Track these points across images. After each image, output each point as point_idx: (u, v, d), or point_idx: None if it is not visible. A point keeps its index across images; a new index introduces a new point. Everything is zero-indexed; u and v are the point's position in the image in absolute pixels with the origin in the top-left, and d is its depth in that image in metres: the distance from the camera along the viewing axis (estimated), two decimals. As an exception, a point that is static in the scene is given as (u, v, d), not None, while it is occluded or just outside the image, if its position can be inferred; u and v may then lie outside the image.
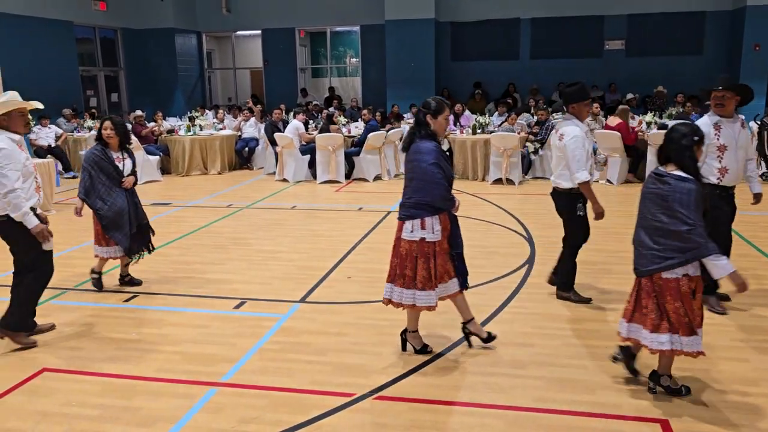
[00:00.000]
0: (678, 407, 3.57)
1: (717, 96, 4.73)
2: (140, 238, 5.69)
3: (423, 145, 3.99)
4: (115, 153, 5.56)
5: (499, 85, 17.21)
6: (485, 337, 4.37)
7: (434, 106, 4.03)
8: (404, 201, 4.12)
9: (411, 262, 4.03)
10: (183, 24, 18.63)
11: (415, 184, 4.02)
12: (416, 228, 4.01)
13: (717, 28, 16.20)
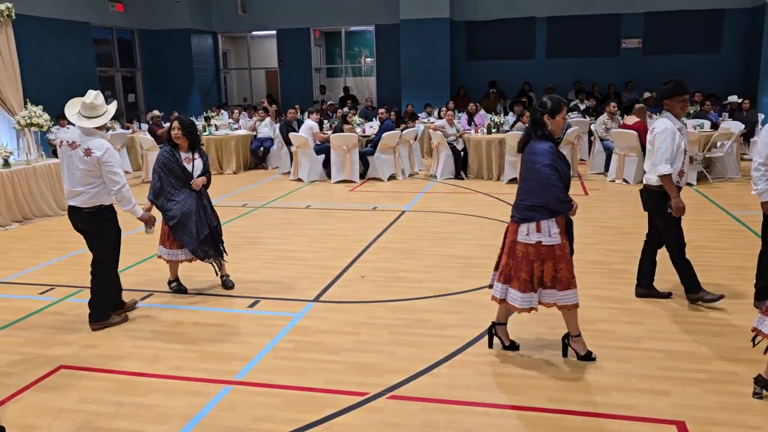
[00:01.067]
0: (693, 409, 3.53)
1: None
2: (212, 241, 5.53)
3: (538, 146, 3.89)
4: (184, 153, 5.45)
5: (514, 84, 17.13)
6: (583, 354, 4.18)
7: (552, 106, 3.93)
8: (518, 203, 4.02)
9: (527, 265, 3.94)
10: (199, 25, 18.77)
11: (528, 185, 3.93)
12: (532, 231, 3.92)
13: (735, 26, 15.99)
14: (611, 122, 11.35)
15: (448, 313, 5.05)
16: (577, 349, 4.17)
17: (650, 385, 3.81)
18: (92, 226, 4.80)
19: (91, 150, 4.60)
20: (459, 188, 10.52)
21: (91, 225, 4.79)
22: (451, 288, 5.60)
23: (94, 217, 4.75)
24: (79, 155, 4.62)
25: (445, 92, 16.64)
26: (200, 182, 5.47)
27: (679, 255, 5.05)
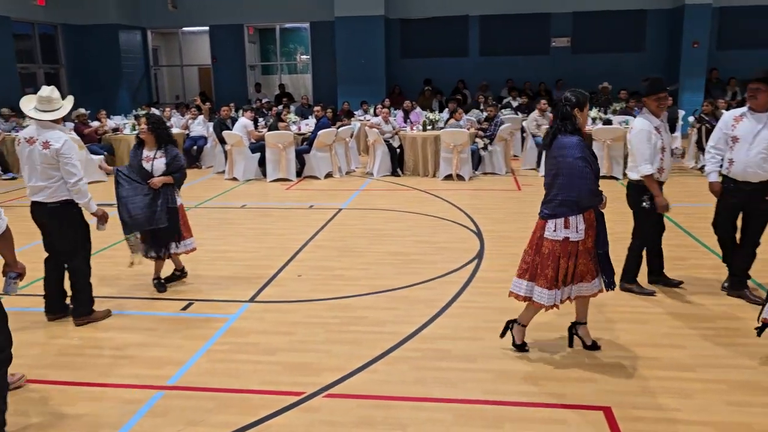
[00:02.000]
0: (619, 394, 3.68)
1: (751, 88, 4.76)
2: (152, 241, 5.45)
3: (567, 140, 3.87)
4: (147, 152, 5.39)
5: (449, 81, 17.36)
6: (589, 344, 4.24)
7: (580, 99, 3.92)
8: (549, 198, 3.95)
9: (554, 261, 3.91)
10: (127, 20, 18.15)
11: (561, 180, 3.86)
12: (559, 227, 3.88)
13: (657, 26, 16.73)
14: (542, 119, 11.66)
15: (384, 309, 5.08)
16: (585, 338, 4.23)
17: (579, 374, 3.95)
18: (56, 221, 4.74)
19: (49, 143, 4.55)
20: (395, 185, 10.59)
21: (54, 220, 4.73)
22: (388, 284, 5.63)
23: (59, 213, 4.69)
24: (38, 150, 4.57)
25: (381, 89, 16.71)
26: (157, 182, 5.34)
27: (637, 247, 5.30)
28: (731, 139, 4.88)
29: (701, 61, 15.75)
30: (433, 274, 5.88)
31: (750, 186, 4.84)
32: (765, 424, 3.34)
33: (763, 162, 4.74)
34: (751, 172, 4.79)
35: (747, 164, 4.78)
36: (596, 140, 10.57)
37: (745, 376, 3.85)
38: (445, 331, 4.63)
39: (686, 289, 5.35)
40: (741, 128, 4.83)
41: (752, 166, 4.77)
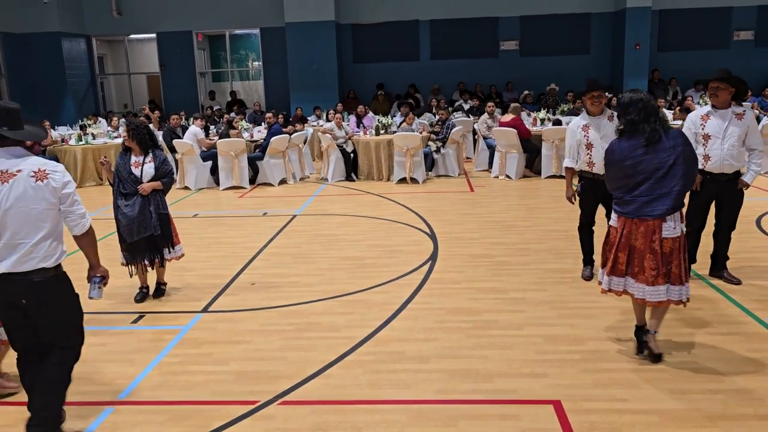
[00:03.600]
0: (568, 388, 3.76)
1: (712, 87, 5.06)
2: (145, 248, 5.36)
3: (673, 132, 3.88)
4: (135, 157, 5.27)
5: (401, 85, 17.49)
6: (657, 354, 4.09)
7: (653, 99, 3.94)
8: (666, 191, 3.81)
9: (676, 257, 3.87)
10: (70, 27, 17.65)
11: (680, 169, 3.79)
12: (677, 222, 3.86)
13: (601, 29, 17.20)
14: (492, 121, 11.86)
15: (339, 314, 5.08)
16: (654, 347, 4.07)
17: (530, 369, 4.03)
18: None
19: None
20: (350, 190, 10.60)
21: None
22: (343, 289, 5.63)
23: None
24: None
25: (334, 95, 16.70)
26: (147, 187, 5.25)
27: (579, 231, 5.83)
28: (702, 137, 5.20)
29: (643, 63, 16.26)
30: (387, 277, 5.90)
31: (725, 177, 5.21)
32: (705, 410, 3.48)
33: (737, 154, 5.13)
34: (727, 164, 5.16)
35: (722, 158, 5.13)
36: (545, 140, 10.80)
37: (686, 365, 3.99)
38: (399, 334, 4.66)
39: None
40: (710, 126, 5.17)
41: (727, 159, 5.13)
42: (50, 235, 3.18)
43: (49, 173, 3.17)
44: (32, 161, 3.19)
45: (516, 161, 10.90)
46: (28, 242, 3.11)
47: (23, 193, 3.10)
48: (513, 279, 5.75)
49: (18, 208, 3.10)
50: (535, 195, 9.67)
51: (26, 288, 3.15)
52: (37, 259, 3.14)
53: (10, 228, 3.10)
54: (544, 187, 10.25)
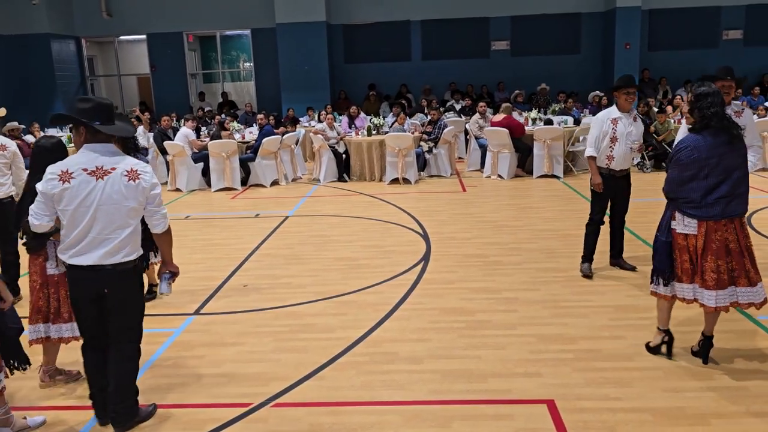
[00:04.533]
0: (562, 387, 3.77)
1: (725, 86, 4.94)
2: None
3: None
4: None
5: (393, 86, 17.48)
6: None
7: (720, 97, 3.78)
8: (743, 190, 3.74)
9: (748, 256, 3.78)
10: (59, 29, 17.54)
11: (743, 171, 3.73)
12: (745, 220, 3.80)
13: (591, 29, 17.26)
14: (483, 121, 11.87)
15: (332, 315, 5.07)
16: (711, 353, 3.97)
17: (524, 369, 4.03)
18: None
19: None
20: (342, 191, 10.58)
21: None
22: (336, 290, 5.62)
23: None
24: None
25: (326, 95, 16.68)
26: None
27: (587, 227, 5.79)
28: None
29: (633, 62, 16.32)
30: (380, 278, 5.90)
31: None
32: (696, 407, 3.49)
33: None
34: None
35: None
36: (537, 140, 10.82)
37: (679, 363, 4.01)
38: (393, 334, 4.65)
39: (624, 281, 5.54)
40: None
41: None
42: (136, 231, 3.36)
43: (141, 174, 3.31)
44: (126, 161, 3.33)
45: (508, 161, 10.92)
46: (116, 238, 3.27)
47: (116, 191, 3.24)
48: (506, 279, 5.76)
49: (110, 204, 3.24)
50: (527, 195, 9.69)
51: (110, 278, 3.31)
52: (123, 254, 3.31)
53: (100, 223, 3.24)
54: (536, 186, 10.27)
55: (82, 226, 3.22)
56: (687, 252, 3.80)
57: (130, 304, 3.45)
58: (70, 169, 3.22)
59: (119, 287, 3.36)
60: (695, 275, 3.79)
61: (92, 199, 3.21)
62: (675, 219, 3.84)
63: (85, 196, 3.20)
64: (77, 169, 3.22)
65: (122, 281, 3.35)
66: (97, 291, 3.33)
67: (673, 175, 3.80)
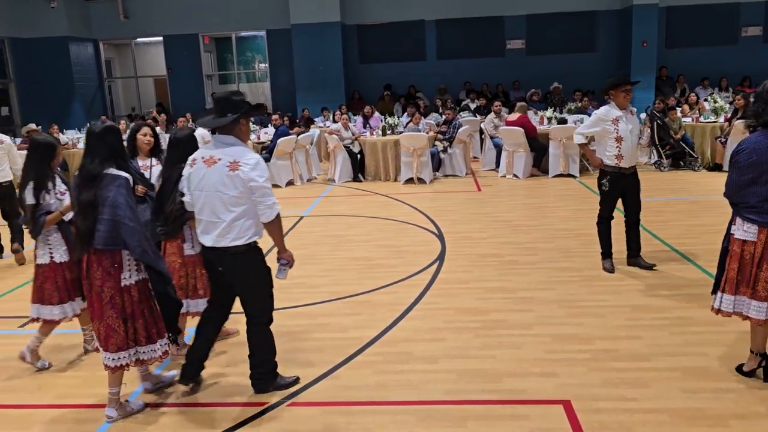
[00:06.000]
0: (578, 388, 3.74)
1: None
2: None
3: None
4: (142, 161, 4.95)
5: (407, 86, 17.47)
6: None
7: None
8: None
9: None
10: (77, 32, 17.75)
11: None
12: None
13: (608, 27, 17.12)
14: (498, 120, 11.82)
15: (347, 315, 5.08)
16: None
17: (540, 369, 4.01)
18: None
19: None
20: (357, 191, 10.59)
21: None
22: (351, 290, 5.63)
23: None
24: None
25: (340, 96, 16.71)
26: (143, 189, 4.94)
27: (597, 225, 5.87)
28: None
29: (651, 60, 16.17)
30: (395, 277, 5.90)
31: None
32: (716, 409, 3.44)
33: None
34: None
35: None
36: (552, 139, 10.75)
37: (697, 363, 3.96)
38: (407, 334, 4.65)
39: (641, 280, 5.49)
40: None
41: None
42: (241, 217, 3.50)
43: (241, 165, 3.44)
44: (232, 151, 3.50)
45: (523, 160, 10.86)
46: (222, 222, 3.50)
47: (218, 180, 3.47)
48: (521, 278, 5.73)
49: (214, 191, 3.49)
50: (542, 194, 9.63)
51: (222, 259, 3.60)
52: (230, 238, 3.52)
53: (208, 207, 3.52)
54: (552, 186, 10.21)
55: (199, 209, 3.58)
56: (738, 260, 3.59)
57: (244, 283, 3.70)
58: (195, 156, 3.59)
59: (231, 268, 3.62)
60: (741, 285, 3.59)
61: (202, 185, 3.51)
62: (735, 223, 3.62)
63: (198, 183, 3.54)
64: (199, 156, 3.57)
65: (234, 263, 3.59)
66: (214, 268, 3.69)
67: (732, 179, 3.57)
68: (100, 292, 3.45)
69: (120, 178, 3.45)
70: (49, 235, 4.23)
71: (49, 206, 4.18)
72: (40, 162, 4.18)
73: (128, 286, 3.50)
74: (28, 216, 4.16)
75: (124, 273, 3.49)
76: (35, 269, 4.28)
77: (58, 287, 4.21)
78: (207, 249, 3.62)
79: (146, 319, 3.57)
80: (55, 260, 4.22)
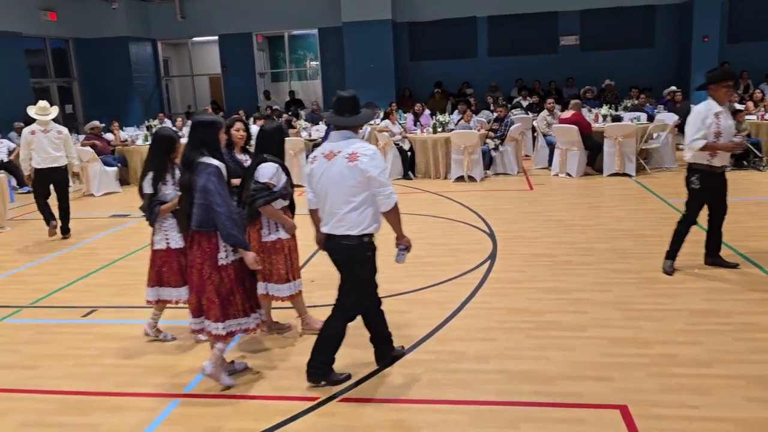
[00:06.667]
0: (636, 392, 3.64)
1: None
2: None
3: None
4: (238, 155, 5.01)
5: (458, 83, 17.35)
6: None
7: None
8: None
9: None
10: (137, 32, 18.32)
11: None
12: None
13: (666, 22, 16.59)
14: (551, 118, 11.61)
15: (398, 313, 5.07)
16: None
17: (595, 372, 3.92)
18: None
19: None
20: (407, 188, 10.58)
21: None
22: (401, 288, 5.63)
23: None
24: None
25: (390, 93, 16.71)
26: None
27: (679, 223, 5.61)
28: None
29: (712, 56, 15.56)
30: (446, 276, 5.86)
31: None
32: (785, 420, 3.30)
33: None
34: None
35: None
36: (607, 137, 10.49)
37: (763, 371, 3.79)
38: (459, 333, 4.61)
39: (700, 283, 5.30)
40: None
41: None
42: (358, 208, 3.66)
43: (359, 156, 3.61)
44: (352, 144, 3.68)
45: (577, 159, 10.63)
46: (340, 212, 3.68)
47: (338, 171, 3.64)
48: (575, 279, 5.61)
49: (334, 182, 3.66)
50: (596, 193, 9.42)
51: (337, 247, 3.79)
52: (345, 227, 3.69)
53: (329, 198, 3.70)
54: (607, 185, 9.96)
55: (322, 201, 3.77)
56: None
57: (349, 273, 3.88)
58: (316, 153, 3.81)
59: (342, 256, 3.82)
60: None
61: (324, 179, 3.69)
62: None
63: (319, 177, 3.72)
64: (319, 153, 3.78)
65: (345, 252, 3.77)
66: (331, 255, 3.89)
67: None
68: (200, 268, 3.78)
69: (211, 167, 3.74)
70: (164, 223, 4.55)
71: (165, 196, 4.48)
72: (161, 154, 4.50)
73: (225, 266, 3.79)
74: (145, 204, 4.50)
75: (221, 253, 3.78)
76: (152, 254, 4.64)
77: (175, 271, 4.58)
78: (327, 236, 3.82)
79: (242, 295, 3.86)
80: (171, 246, 4.57)
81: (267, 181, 4.30)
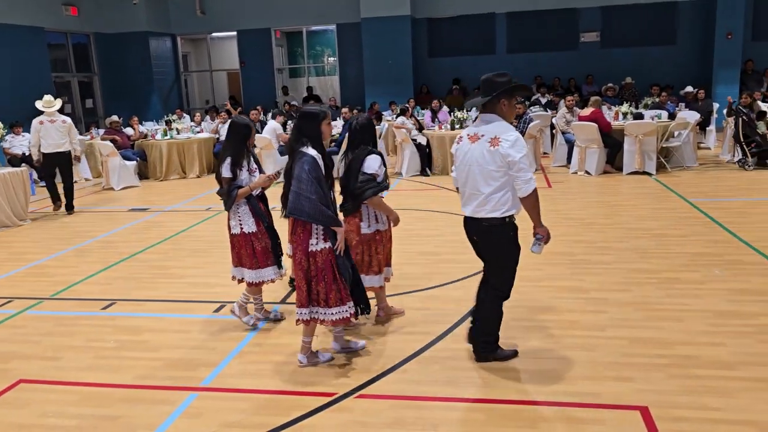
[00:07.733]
0: (657, 393, 3.59)
1: None
2: None
3: None
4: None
5: (476, 80, 17.17)
6: None
7: None
8: None
9: None
10: (157, 27, 18.46)
11: None
12: None
13: (689, 18, 16.37)
14: (571, 115, 11.51)
15: (415, 309, 5.05)
16: None
17: (615, 372, 3.87)
18: None
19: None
20: (425, 185, 10.55)
21: None
22: (419, 284, 5.61)
23: None
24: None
25: (408, 89, 16.69)
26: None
27: None
28: None
29: (736, 53, 15.36)
30: (463, 273, 5.83)
31: None
32: (811, 424, 3.23)
33: None
34: None
35: None
36: (628, 135, 10.38)
37: (788, 375, 3.73)
38: (477, 331, 4.57)
39: (723, 284, 5.22)
40: None
41: None
42: (499, 190, 3.72)
43: (501, 141, 3.66)
44: (493, 128, 3.72)
45: (596, 157, 10.53)
46: (481, 195, 3.75)
47: (480, 154, 3.71)
48: (594, 278, 5.55)
49: (477, 165, 3.73)
50: (616, 192, 9.32)
51: (477, 229, 3.88)
52: (487, 210, 3.77)
53: (471, 180, 3.79)
54: (626, 183, 9.86)
55: (462, 182, 3.86)
56: None
57: (493, 254, 3.95)
58: (462, 134, 3.89)
59: (483, 238, 3.89)
60: None
61: (467, 160, 3.77)
62: None
63: (462, 157, 3.81)
64: (465, 134, 3.86)
65: (486, 233, 3.84)
66: (471, 237, 3.96)
67: None
68: (295, 253, 3.93)
69: (307, 156, 3.86)
70: (238, 208, 4.66)
71: (241, 181, 4.60)
72: (238, 141, 4.64)
73: (314, 252, 3.89)
74: (224, 188, 4.62)
75: (312, 239, 3.89)
76: (230, 238, 4.77)
77: (249, 254, 4.70)
78: (466, 219, 3.90)
79: (327, 285, 3.91)
80: (244, 231, 4.67)
81: (374, 172, 4.40)
